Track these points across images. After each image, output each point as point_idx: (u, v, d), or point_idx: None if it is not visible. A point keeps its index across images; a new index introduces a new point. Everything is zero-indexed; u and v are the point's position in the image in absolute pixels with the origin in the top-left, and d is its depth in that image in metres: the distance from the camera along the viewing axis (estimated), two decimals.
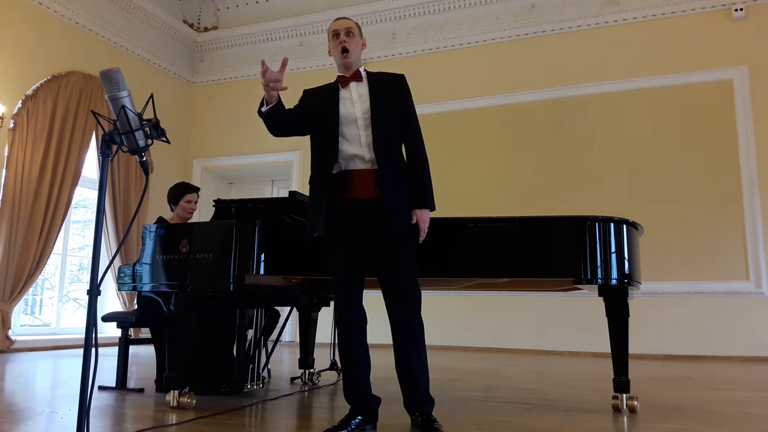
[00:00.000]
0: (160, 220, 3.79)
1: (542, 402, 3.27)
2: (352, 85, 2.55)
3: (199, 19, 9.12)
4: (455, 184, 7.18)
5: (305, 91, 2.70)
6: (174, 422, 2.59)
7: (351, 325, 2.47)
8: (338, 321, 2.49)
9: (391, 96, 2.56)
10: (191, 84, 9.08)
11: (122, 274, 3.14)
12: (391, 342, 2.46)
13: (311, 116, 2.59)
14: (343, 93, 2.55)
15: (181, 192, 4.01)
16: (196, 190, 4.08)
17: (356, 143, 2.47)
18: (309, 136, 2.64)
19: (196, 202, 4.06)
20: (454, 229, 2.85)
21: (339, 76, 2.58)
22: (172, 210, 4.06)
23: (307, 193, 2.76)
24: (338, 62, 2.58)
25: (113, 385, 3.59)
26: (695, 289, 6.33)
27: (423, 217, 2.48)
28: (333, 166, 2.48)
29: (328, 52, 2.63)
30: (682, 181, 6.56)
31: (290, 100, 2.62)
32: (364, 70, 2.61)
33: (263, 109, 2.52)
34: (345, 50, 2.52)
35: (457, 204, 6.48)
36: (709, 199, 6.42)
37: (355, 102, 2.52)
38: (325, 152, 2.51)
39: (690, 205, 6.47)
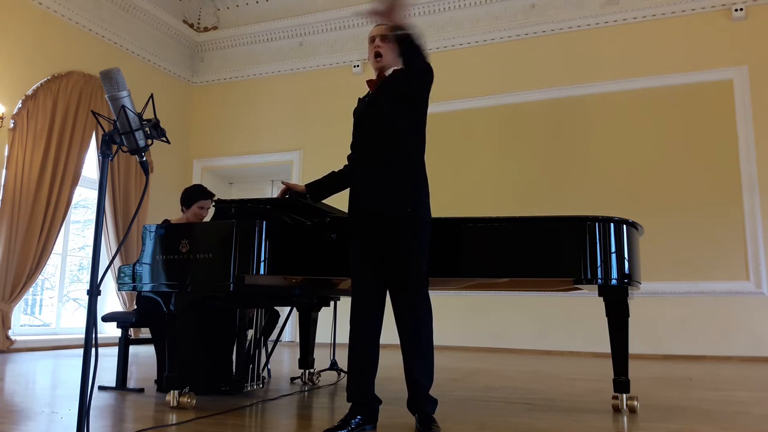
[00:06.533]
0: (166, 223, 3.71)
1: (542, 402, 3.27)
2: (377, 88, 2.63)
3: (199, 19, 9.12)
4: (455, 184, 7.18)
5: (355, 108, 2.79)
6: (174, 422, 2.59)
7: (363, 327, 2.48)
8: (352, 321, 2.50)
9: (394, 88, 2.53)
10: (191, 84, 9.08)
11: (122, 274, 3.14)
12: (396, 342, 2.47)
13: None
14: (368, 100, 2.65)
15: (196, 196, 3.87)
16: (211, 196, 3.91)
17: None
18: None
19: (208, 209, 3.88)
20: (454, 229, 2.85)
21: (367, 81, 2.67)
22: (183, 212, 3.94)
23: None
24: (371, 66, 2.65)
25: (113, 385, 3.59)
26: (695, 289, 6.32)
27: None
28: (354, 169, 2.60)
29: (368, 58, 2.74)
30: (682, 181, 6.56)
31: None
32: (394, 70, 2.61)
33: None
34: (378, 54, 2.59)
35: (456, 204, 6.47)
36: (709, 199, 6.42)
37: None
38: (353, 155, 2.65)
39: (690, 205, 6.47)
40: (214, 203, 3.25)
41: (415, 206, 2.47)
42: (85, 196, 7.72)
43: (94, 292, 1.75)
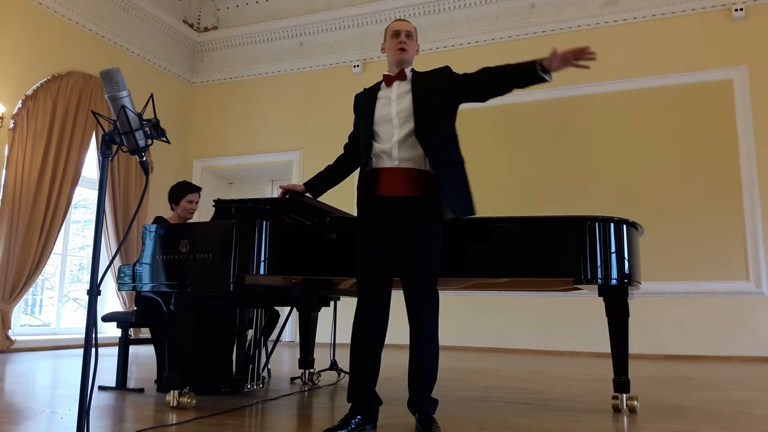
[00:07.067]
0: (159, 220, 3.75)
1: (542, 402, 3.27)
2: (395, 84, 2.61)
3: (199, 19, 9.12)
4: None
5: (355, 97, 2.77)
6: (174, 422, 2.59)
7: (367, 327, 2.47)
8: (356, 320, 2.48)
9: (436, 91, 2.57)
10: (191, 84, 9.08)
11: (122, 274, 3.14)
12: (397, 342, 2.47)
13: (359, 120, 2.70)
14: (382, 93, 2.62)
15: (182, 191, 3.97)
16: (198, 189, 4.04)
17: (387, 141, 2.52)
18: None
19: (197, 203, 4.02)
20: (454, 230, 2.85)
21: (384, 75, 2.65)
22: (172, 209, 4.02)
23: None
24: (392, 60, 2.65)
25: (113, 385, 3.59)
26: (695, 289, 6.32)
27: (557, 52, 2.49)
28: (367, 164, 2.54)
29: (382, 49, 2.72)
30: (682, 181, 6.56)
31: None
32: (411, 70, 2.65)
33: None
34: (402, 49, 2.61)
35: None
36: (709, 199, 6.42)
37: (392, 101, 2.57)
38: (362, 151, 2.59)
39: (690, 205, 6.47)
40: (214, 203, 3.25)
41: (466, 205, 2.52)
42: (85, 196, 7.72)
43: (94, 292, 1.75)
